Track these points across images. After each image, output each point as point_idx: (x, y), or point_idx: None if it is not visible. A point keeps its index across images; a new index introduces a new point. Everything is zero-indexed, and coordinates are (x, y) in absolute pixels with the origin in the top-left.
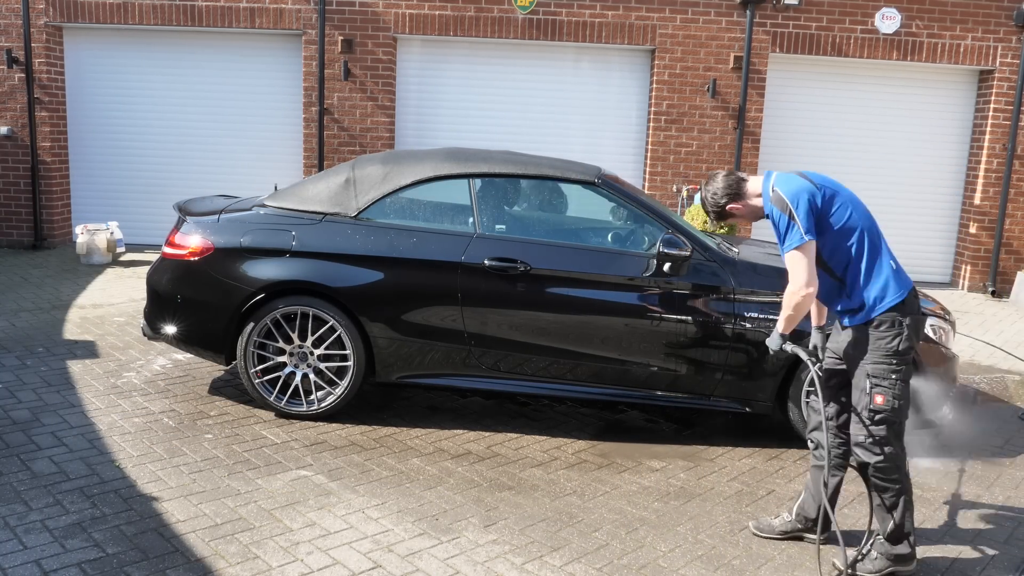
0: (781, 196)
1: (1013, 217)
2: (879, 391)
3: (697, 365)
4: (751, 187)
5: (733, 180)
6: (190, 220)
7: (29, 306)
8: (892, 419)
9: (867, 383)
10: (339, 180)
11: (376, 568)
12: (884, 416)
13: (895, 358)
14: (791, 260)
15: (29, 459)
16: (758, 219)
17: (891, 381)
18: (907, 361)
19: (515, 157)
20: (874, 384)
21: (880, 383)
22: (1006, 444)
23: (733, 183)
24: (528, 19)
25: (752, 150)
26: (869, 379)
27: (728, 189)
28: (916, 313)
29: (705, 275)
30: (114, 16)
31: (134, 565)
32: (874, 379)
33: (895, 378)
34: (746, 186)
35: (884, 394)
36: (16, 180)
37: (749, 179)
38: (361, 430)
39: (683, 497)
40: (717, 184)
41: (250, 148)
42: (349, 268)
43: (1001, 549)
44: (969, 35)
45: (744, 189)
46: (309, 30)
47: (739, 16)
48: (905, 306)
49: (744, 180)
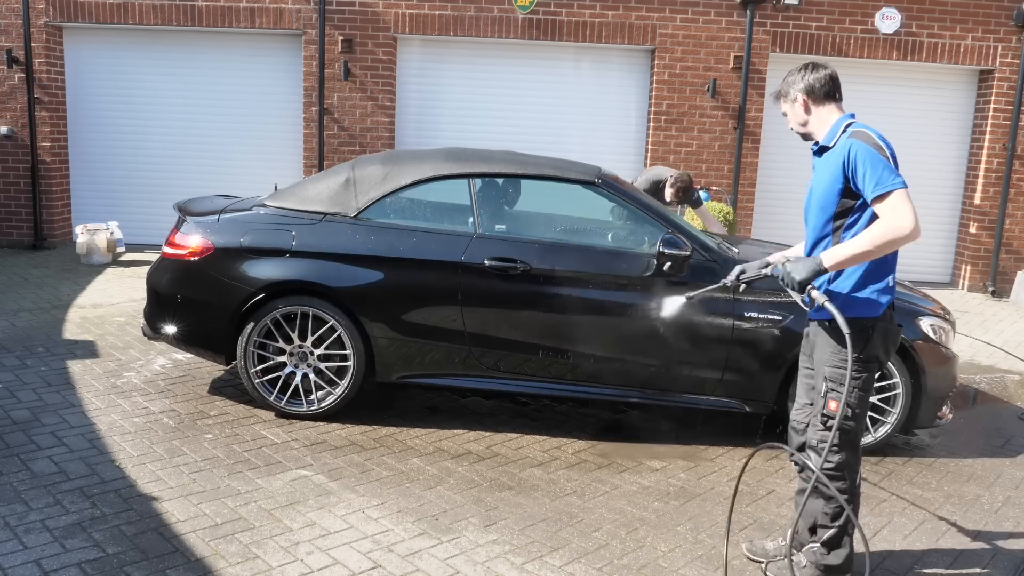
0: (872, 136)
1: (1013, 217)
2: (833, 396)
3: (697, 365)
4: (827, 109)
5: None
6: (190, 220)
7: (29, 306)
8: (844, 426)
9: (823, 386)
10: (339, 180)
11: (376, 568)
12: (835, 424)
13: (857, 364)
14: (896, 200)
15: (29, 459)
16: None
17: (848, 389)
18: (869, 370)
19: (515, 157)
20: (830, 388)
21: (836, 388)
22: (1006, 444)
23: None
24: (528, 19)
25: (752, 150)
26: (826, 382)
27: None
28: (890, 324)
29: (705, 275)
30: (114, 16)
31: (134, 565)
32: (831, 383)
33: (852, 385)
34: (830, 103)
35: (838, 400)
36: (16, 180)
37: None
38: (361, 430)
39: (683, 497)
40: (815, 77)
41: (250, 148)
42: (349, 268)
43: (1001, 549)
44: (969, 35)
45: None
46: (309, 30)
47: (739, 16)
48: (881, 317)
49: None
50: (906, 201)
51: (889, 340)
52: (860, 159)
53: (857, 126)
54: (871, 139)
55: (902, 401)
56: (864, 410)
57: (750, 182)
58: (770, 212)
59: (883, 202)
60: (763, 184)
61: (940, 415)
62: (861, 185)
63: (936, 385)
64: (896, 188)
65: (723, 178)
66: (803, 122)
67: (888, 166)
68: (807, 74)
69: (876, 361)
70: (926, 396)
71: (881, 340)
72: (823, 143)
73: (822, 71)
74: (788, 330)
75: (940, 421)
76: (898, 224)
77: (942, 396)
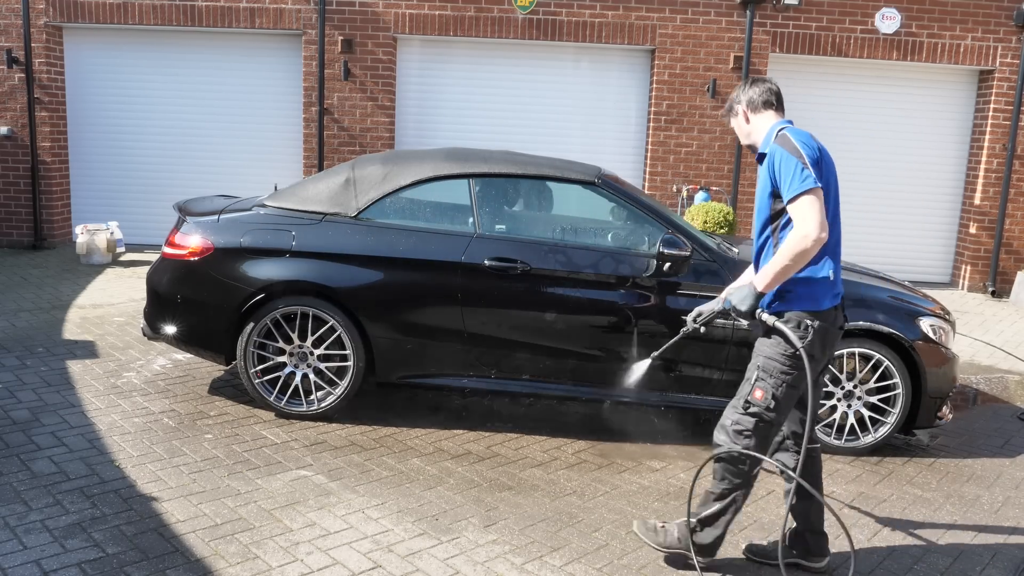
0: (790, 139)
1: (1013, 217)
2: (760, 385)
3: (697, 365)
4: (763, 118)
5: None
6: (190, 220)
7: (29, 306)
8: (763, 417)
9: (754, 374)
10: (339, 180)
11: (376, 568)
12: (756, 411)
13: (792, 359)
14: (802, 204)
15: (29, 459)
16: (745, 143)
17: (776, 381)
18: (800, 368)
19: (515, 157)
20: (759, 377)
21: (765, 379)
22: (1006, 444)
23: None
24: (528, 19)
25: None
26: (757, 371)
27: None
28: (831, 325)
29: (705, 275)
30: (114, 16)
31: (134, 565)
32: (762, 372)
33: (781, 380)
34: (766, 112)
35: (764, 391)
36: (16, 180)
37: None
38: (361, 430)
39: (683, 497)
40: (754, 90)
41: (250, 148)
42: (349, 268)
43: (1001, 549)
44: (969, 35)
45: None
46: (309, 30)
47: (739, 16)
48: (823, 314)
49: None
50: (811, 205)
51: (827, 340)
52: (778, 163)
53: (786, 131)
54: (789, 142)
55: (902, 401)
56: (788, 405)
57: (750, 182)
58: None
59: (792, 206)
60: None
61: (940, 415)
62: (781, 189)
63: (936, 385)
64: (803, 191)
65: (723, 178)
66: (747, 133)
67: (799, 169)
68: (748, 88)
69: (812, 359)
70: (926, 396)
71: (819, 338)
72: (761, 150)
73: (761, 84)
74: None
75: (940, 421)
76: (802, 234)
77: (942, 396)
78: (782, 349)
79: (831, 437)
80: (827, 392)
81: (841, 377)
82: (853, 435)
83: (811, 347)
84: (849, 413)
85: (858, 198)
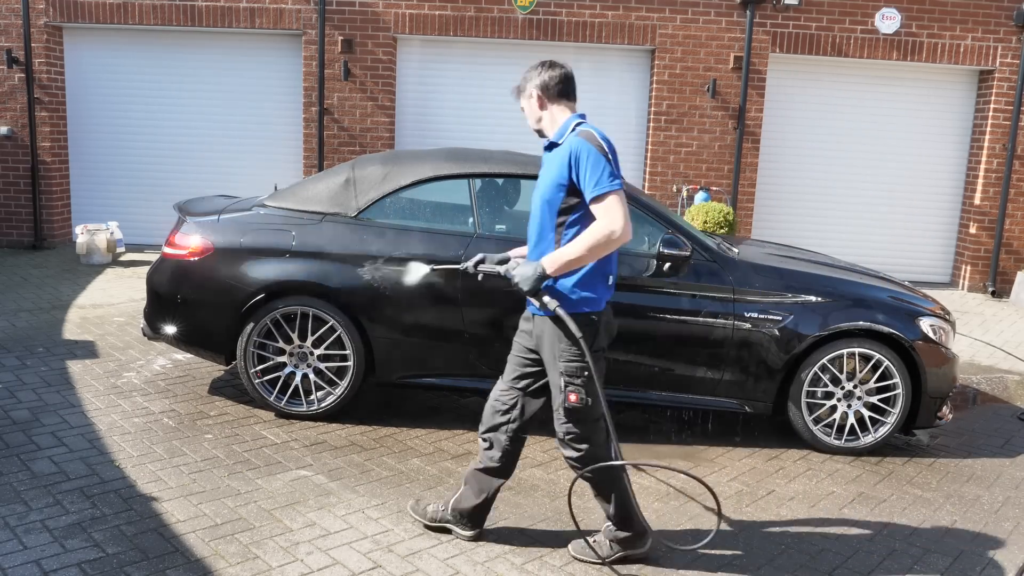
0: (596, 137)
1: (1013, 217)
2: (572, 389)
3: (697, 365)
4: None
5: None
6: (190, 220)
7: (29, 306)
8: (586, 415)
9: (561, 381)
10: (339, 180)
11: (376, 568)
12: (578, 414)
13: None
14: (610, 202)
15: (29, 459)
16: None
17: (583, 379)
18: (598, 359)
19: (515, 157)
20: (567, 382)
21: (573, 381)
22: (1006, 444)
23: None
24: (528, 19)
25: (752, 150)
26: (563, 377)
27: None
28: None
29: (705, 275)
30: (114, 16)
31: (134, 565)
32: (567, 377)
33: (587, 375)
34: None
35: (577, 392)
36: (16, 180)
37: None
38: (361, 430)
39: (683, 497)
40: (550, 75)
41: (250, 148)
42: (349, 268)
43: (1001, 549)
44: (969, 35)
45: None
46: (309, 30)
47: (739, 16)
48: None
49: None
50: (619, 204)
51: (610, 331)
52: (584, 159)
53: (585, 126)
54: (595, 140)
55: (902, 401)
56: (598, 397)
57: (750, 182)
58: (770, 212)
59: (599, 203)
60: (763, 184)
61: (940, 415)
62: (583, 184)
63: (936, 385)
64: (612, 190)
65: (723, 178)
66: (538, 118)
67: (608, 168)
68: (543, 71)
69: (602, 350)
70: (926, 396)
71: (605, 332)
72: (553, 139)
73: (558, 70)
74: (788, 330)
75: (940, 421)
76: (609, 228)
77: (942, 396)
78: (576, 351)
79: (831, 437)
80: (827, 392)
81: (841, 377)
82: (853, 435)
83: (600, 341)
84: (849, 413)
85: (858, 198)
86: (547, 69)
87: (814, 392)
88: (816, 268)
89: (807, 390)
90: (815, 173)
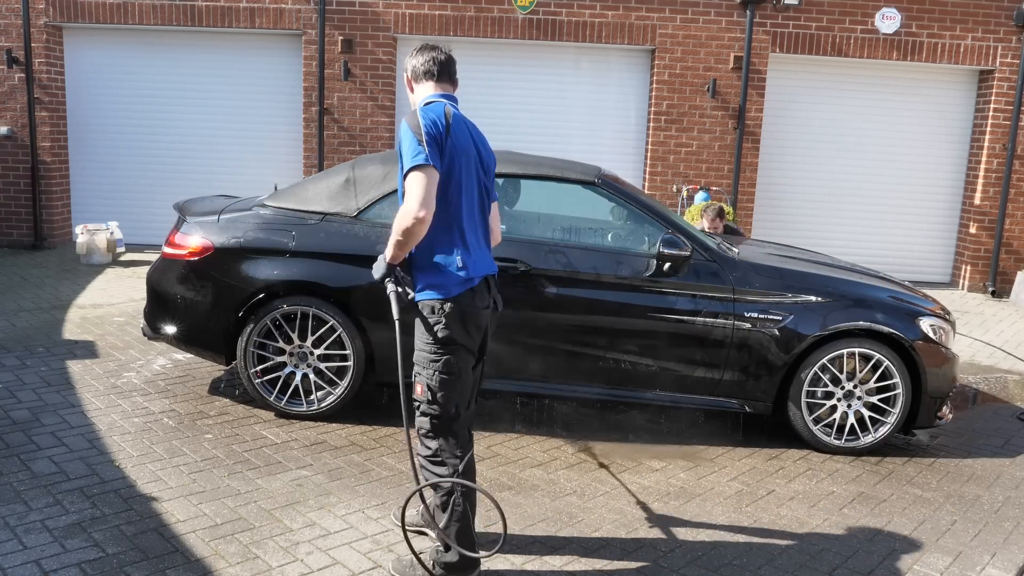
0: (416, 114)
1: (1013, 217)
2: (419, 380)
3: (697, 365)
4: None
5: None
6: (190, 220)
7: (29, 306)
8: (432, 412)
9: (412, 371)
10: (339, 180)
11: (376, 568)
12: (423, 408)
13: (435, 345)
14: (411, 181)
15: (29, 459)
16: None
17: (429, 372)
18: (451, 352)
19: (515, 157)
20: (416, 372)
21: (420, 372)
22: (1006, 444)
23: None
24: (528, 19)
25: (752, 150)
26: (414, 366)
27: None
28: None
29: (705, 275)
30: (114, 16)
31: (134, 565)
32: (417, 366)
33: (432, 369)
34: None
35: (421, 384)
36: (16, 180)
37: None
38: (361, 430)
39: (683, 497)
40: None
41: (250, 148)
42: (349, 268)
43: (1000, 549)
44: (969, 35)
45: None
46: (309, 30)
47: (739, 16)
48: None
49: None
50: (417, 183)
51: (469, 322)
52: (401, 139)
53: (422, 108)
54: (415, 117)
55: (902, 401)
56: (450, 395)
57: (750, 182)
58: (770, 212)
59: (405, 182)
60: (763, 184)
61: (940, 415)
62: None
63: (936, 385)
64: (412, 167)
65: (723, 178)
66: (413, 102)
67: (414, 144)
68: (414, 56)
69: (455, 344)
70: (926, 396)
71: (458, 323)
72: None
73: (427, 53)
74: (788, 330)
75: (940, 421)
76: (406, 210)
77: (942, 396)
78: (426, 338)
79: (831, 437)
80: (827, 392)
81: (841, 377)
82: (853, 435)
83: (451, 332)
84: (849, 413)
85: (858, 198)
86: (417, 53)
87: (814, 392)
88: (816, 268)
89: (807, 390)
90: (815, 173)
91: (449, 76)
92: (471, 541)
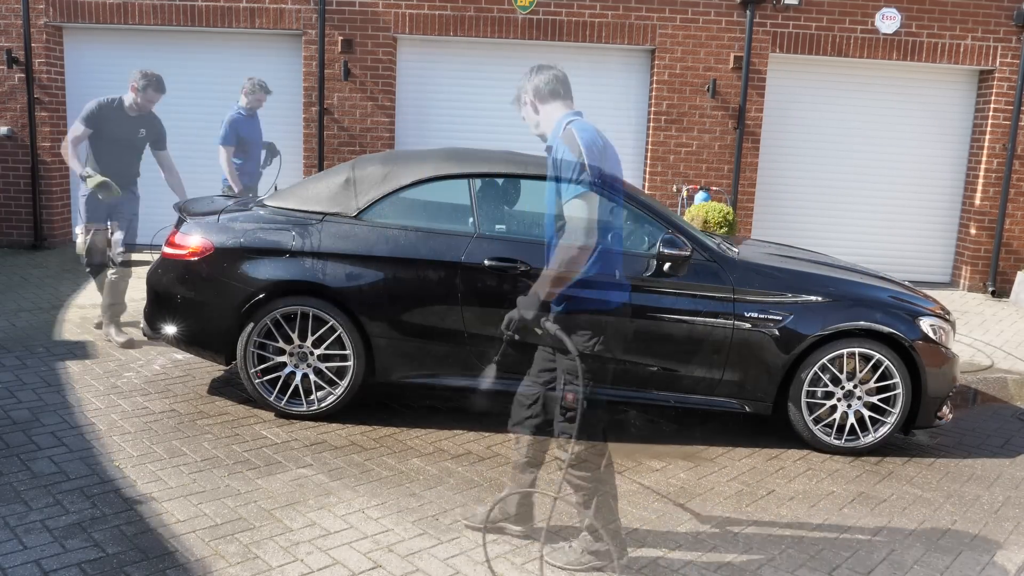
0: (573, 134)
1: (1013, 217)
2: (570, 389)
3: (697, 365)
4: (551, 108)
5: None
6: (190, 220)
7: (29, 306)
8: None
9: (562, 379)
10: (339, 180)
11: (376, 568)
12: (573, 415)
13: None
14: (575, 207)
15: (29, 459)
16: (534, 133)
17: (584, 380)
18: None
19: (515, 157)
20: (567, 381)
21: (573, 381)
22: (1006, 444)
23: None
24: (528, 19)
25: (752, 150)
26: (564, 375)
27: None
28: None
29: (705, 275)
30: (114, 16)
31: (134, 565)
32: (568, 376)
33: (587, 378)
34: (555, 102)
35: (575, 392)
36: (16, 180)
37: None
38: (361, 430)
39: (683, 497)
40: (540, 78)
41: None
42: (349, 268)
43: (1001, 549)
44: (969, 35)
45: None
46: (309, 30)
47: (739, 16)
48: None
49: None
50: (579, 211)
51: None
52: (559, 161)
53: (573, 126)
54: (572, 138)
55: (902, 401)
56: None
57: (750, 182)
58: (770, 212)
59: (566, 208)
60: (763, 184)
61: (940, 415)
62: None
63: (936, 385)
64: (574, 196)
65: (723, 178)
66: (536, 123)
67: (575, 169)
68: (533, 76)
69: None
70: (926, 396)
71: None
72: (548, 143)
73: (547, 72)
74: (787, 330)
75: (940, 421)
76: (570, 241)
77: (942, 396)
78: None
79: (831, 437)
80: (827, 392)
81: (841, 377)
82: (853, 435)
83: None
84: (849, 413)
85: (858, 198)
86: (537, 73)
87: (814, 392)
88: (816, 268)
89: (807, 390)
90: (815, 173)
91: (570, 94)
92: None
